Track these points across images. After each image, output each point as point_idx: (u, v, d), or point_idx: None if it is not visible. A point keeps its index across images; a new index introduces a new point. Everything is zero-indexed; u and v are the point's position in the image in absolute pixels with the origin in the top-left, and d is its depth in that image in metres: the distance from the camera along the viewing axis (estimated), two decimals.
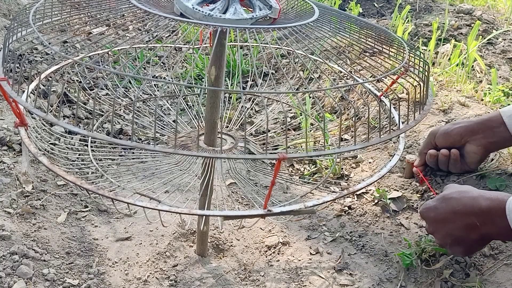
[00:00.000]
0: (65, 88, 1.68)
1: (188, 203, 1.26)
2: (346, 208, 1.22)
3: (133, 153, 1.37)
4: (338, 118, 1.58)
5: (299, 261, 1.09)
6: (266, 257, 1.13)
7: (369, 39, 0.91)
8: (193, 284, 1.04)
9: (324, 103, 1.67)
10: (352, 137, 1.46)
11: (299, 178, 1.41)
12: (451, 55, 1.73)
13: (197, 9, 0.78)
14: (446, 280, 0.96)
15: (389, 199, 1.17)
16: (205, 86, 1.31)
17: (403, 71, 0.87)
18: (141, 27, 1.91)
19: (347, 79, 1.56)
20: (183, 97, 1.67)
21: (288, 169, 1.46)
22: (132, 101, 1.51)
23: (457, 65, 1.67)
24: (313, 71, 1.85)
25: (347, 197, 1.25)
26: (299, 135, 1.51)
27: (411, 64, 0.88)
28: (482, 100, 1.47)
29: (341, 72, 1.41)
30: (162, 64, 2.04)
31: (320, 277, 1.04)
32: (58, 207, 1.22)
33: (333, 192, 1.21)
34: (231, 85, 1.82)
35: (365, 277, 1.02)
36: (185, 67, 2.11)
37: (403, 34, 1.87)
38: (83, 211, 1.23)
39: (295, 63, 1.99)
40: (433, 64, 1.75)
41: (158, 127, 1.20)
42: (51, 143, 1.34)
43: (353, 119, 1.40)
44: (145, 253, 1.12)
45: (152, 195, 0.90)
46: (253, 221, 1.20)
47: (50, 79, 1.20)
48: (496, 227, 0.84)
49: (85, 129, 1.53)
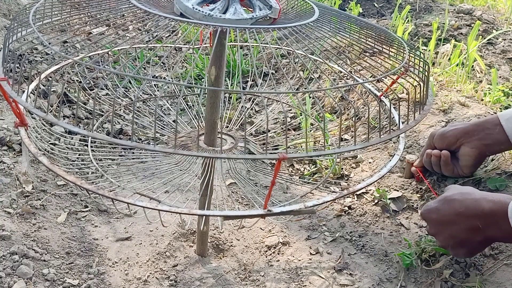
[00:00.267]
0: (65, 88, 1.68)
1: (188, 203, 1.26)
2: (346, 208, 1.22)
3: (133, 153, 1.37)
4: (338, 118, 1.58)
5: (299, 261, 1.09)
6: (266, 257, 1.13)
7: (369, 39, 0.91)
8: (193, 284, 1.04)
9: (324, 103, 1.67)
10: (352, 137, 1.46)
11: (299, 178, 1.41)
12: (451, 55, 1.73)
13: (197, 9, 0.78)
14: (446, 280, 0.96)
15: (389, 199, 1.17)
16: (205, 86, 1.31)
17: (403, 71, 0.87)
18: (141, 27, 1.91)
19: (347, 79, 1.56)
20: (183, 97, 1.67)
21: (288, 169, 1.46)
22: (132, 101, 1.51)
23: (457, 65, 1.67)
24: (313, 71, 1.85)
25: (347, 197, 1.25)
26: (299, 135, 1.51)
27: (411, 64, 0.88)
28: (482, 100, 1.47)
29: (341, 72, 1.41)
30: (162, 64, 2.04)
31: (320, 277, 1.04)
32: (58, 207, 1.22)
33: (333, 192, 1.21)
34: (231, 85, 1.82)
35: (365, 277, 1.02)
36: (185, 67, 2.11)
37: (403, 34, 1.87)
38: (83, 211, 1.23)
39: (295, 63, 1.99)
40: (433, 64, 1.75)
41: (158, 127, 1.20)
42: (51, 143, 1.34)
43: (353, 119, 1.40)
44: (145, 253, 1.12)
45: (152, 195, 0.90)
46: (253, 221, 1.20)
47: (50, 79, 1.20)
48: (499, 230, 0.84)
49: (85, 129, 1.53)
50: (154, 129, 0.71)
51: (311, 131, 1.46)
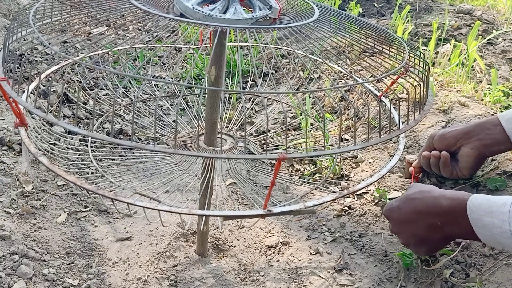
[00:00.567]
0: (65, 88, 1.68)
1: (188, 203, 1.26)
2: (346, 208, 1.22)
3: (133, 153, 1.37)
4: (338, 118, 1.58)
5: (299, 261, 1.09)
6: (266, 257, 1.13)
7: (369, 39, 0.91)
8: (193, 284, 1.04)
9: (324, 103, 1.67)
10: (352, 137, 1.46)
11: (299, 178, 1.41)
12: (451, 55, 1.73)
13: (197, 9, 0.78)
14: (446, 280, 0.96)
15: (389, 199, 1.17)
16: (205, 86, 1.31)
17: (403, 71, 0.87)
18: (141, 27, 1.91)
19: (347, 79, 1.56)
20: (183, 97, 1.67)
21: (288, 169, 1.46)
22: (132, 101, 1.51)
23: (457, 65, 1.67)
24: (313, 71, 1.85)
25: (347, 197, 1.25)
26: (299, 135, 1.51)
27: (411, 64, 0.88)
28: (482, 100, 1.47)
29: (341, 72, 1.41)
30: (162, 64, 2.04)
31: (320, 277, 1.04)
32: (58, 207, 1.22)
33: (333, 192, 1.21)
34: (231, 85, 1.82)
35: (365, 277, 1.02)
36: (185, 67, 2.11)
37: (403, 34, 1.87)
38: (83, 211, 1.23)
39: (295, 63, 1.99)
40: (433, 64, 1.75)
41: (158, 127, 1.20)
42: (51, 143, 1.34)
43: (353, 119, 1.40)
44: (145, 253, 1.12)
45: (152, 195, 0.90)
46: (253, 221, 1.20)
47: (50, 79, 1.20)
48: (458, 226, 0.85)
49: (85, 129, 1.53)
50: (154, 129, 0.71)
51: (311, 131, 1.46)
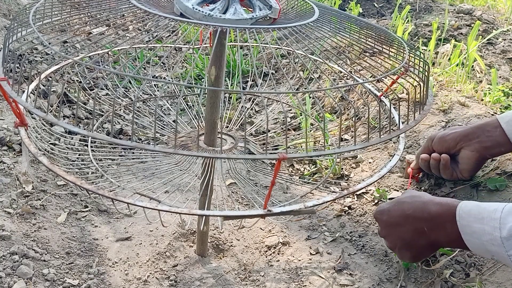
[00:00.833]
0: (65, 88, 1.68)
1: (188, 203, 1.26)
2: (346, 208, 1.22)
3: (133, 153, 1.37)
4: (338, 118, 1.58)
5: (299, 261, 1.09)
6: (266, 257, 1.13)
7: (369, 39, 0.91)
8: (193, 284, 1.04)
9: (324, 103, 1.67)
10: (352, 137, 1.46)
11: (299, 178, 1.41)
12: (451, 55, 1.73)
13: (197, 9, 0.78)
14: (446, 280, 0.96)
15: (389, 199, 1.17)
16: (205, 86, 1.31)
17: (403, 71, 0.87)
18: (141, 27, 1.91)
19: (347, 79, 1.56)
20: (183, 97, 1.67)
21: (288, 169, 1.46)
22: (132, 101, 1.51)
23: (457, 65, 1.67)
24: (313, 71, 1.85)
25: (347, 197, 1.25)
26: (299, 135, 1.51)
27: (411, 64, 0.88)
28: (482, 100, 1.47)
29: (341, 72, 1.41)
30: (162, 64, 2.04)
31: (320, 277, 1.04)
32: (58, 207, 1.22)
33: (333, 192, 1.21)
34: (231, 85, 1.82)
35: (365, 277, 1.02)
36: (185, 67, 2.11)
37: (403, 34, 1.87)
38: (83, 211, 1.23)
39: (295, 63, 1.99)
40: (433, 64, 1.75)
41: (158, 127, 1.20)
42: (51, 143, 1.34)
43: (353, 119, 1.40)
44: (145, 253, 1.12)
45: (152, 195, 0.90)
46: (253, 221, 1.20)
47: (50, 79, 1.20)
48: (445, 233, 0.83)
49: (85, 129, 1.53)
50: (154, 129, 0.71)
51: (311, 131, 1.46)
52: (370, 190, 1.23)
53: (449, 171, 1.10)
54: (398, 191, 1.19)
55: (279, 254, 1.13)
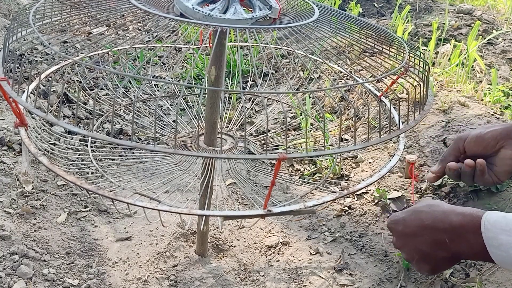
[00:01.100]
0: (65, 88, 1.68)
1: (188, 203, 1.26)
2: (346, 208, 1.22)
3: (133, 153, 1.37)
4: (338, 118, 1.58)
5: (299, 261, 1.09)
6: (266, 257, 1.13)
7: (369, 39, 0.91)
8: (193, 284, 1.04)
9: (324, 103, 1.67)
10: (352, 137, 1.46)
11: (299, 178, 1.40)
12: (451, 55, 1.73)
13: (197, 9, 0.78)
14: (446, 280, 0.96)
15: (389, 199, 1.17)
16: (205, 86, 1.31)
17: (403, 71, 0.86)
18: (141, 27, 1.91)
19: (347, 79, 1.56)
20: (183, 97, 1.67)
21: (288, 169, 1.46)
22: (132, 101, 1.51)
23: (457, 65, 1.67)
24: (313, 71, 1.85)
25: (347, 197, 1.25)
26: (299, 135, 1.51)
27: (411, 64, 0.88)
28: (482, 100, 1.47)
29: (341, 72, 1.41)
30: (162, 64, 2.04)
31: (320, 277, 1.04)
32: (58, 207, 1.22)
33: (333, 192, 1.21)
34: (231, 85, 1.82)
35: (365, 277, 1.02)
36: (185, 67, 2.11)
37: (403, 34, 1.87)
38: (83, 211, 1.23)
39: (295, 63, 1.99)
40: (433, 64, 1.75)
41: (158, 127, 1.20)
42: (51, 143, 1.34)
43: (353, 119, 1.40)
44: (145, 253, 1.12)
45: (152, 195, 0.90)
46: (253, 221, 1.20)
47: (50, 79, 1.20)
48: (467, 245, 0.77)
49: (85, 129, 1.53)
50: (154, 129, 0.71)
51: (311, 131, 1.46)
52: (370, 190, 1.23)
53: (486, 177, 0.96)
54: (398, 191, 1.19)
55: (279, 254, 1.13)
